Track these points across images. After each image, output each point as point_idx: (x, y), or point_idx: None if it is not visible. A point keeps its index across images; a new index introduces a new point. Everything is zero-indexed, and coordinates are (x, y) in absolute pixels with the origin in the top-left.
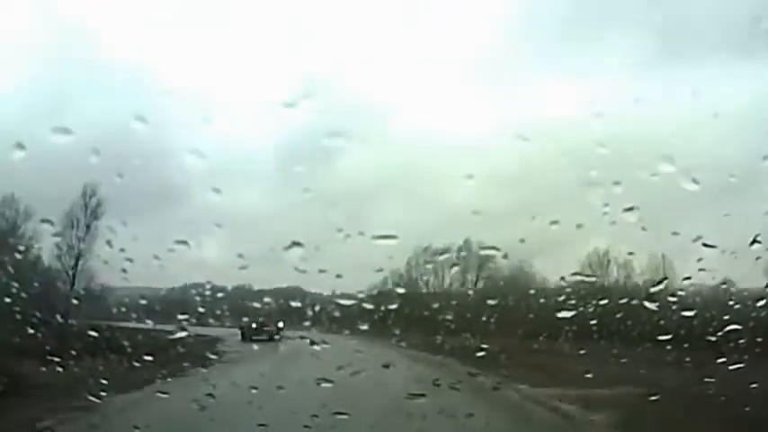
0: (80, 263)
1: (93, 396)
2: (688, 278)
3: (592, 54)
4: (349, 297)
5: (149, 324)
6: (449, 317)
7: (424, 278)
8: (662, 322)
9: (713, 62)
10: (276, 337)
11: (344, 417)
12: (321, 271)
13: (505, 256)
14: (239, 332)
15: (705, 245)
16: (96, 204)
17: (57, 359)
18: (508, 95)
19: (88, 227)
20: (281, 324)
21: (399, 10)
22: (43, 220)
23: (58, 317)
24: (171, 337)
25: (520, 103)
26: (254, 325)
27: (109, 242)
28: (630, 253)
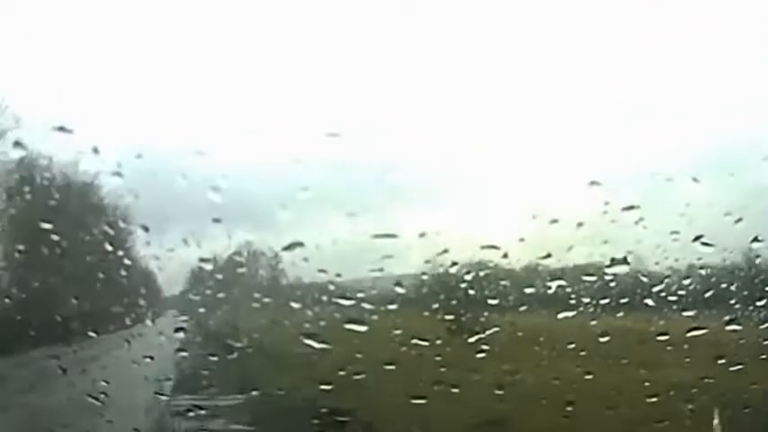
0: None
1: None
2: (687, 278)
3: None
4: (349, 297)
5: None
6: (449, 317)
7: (424, 277)
8: (662, 323)
9: None
10: None
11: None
12: (321, 271)
13: (505, 256)
14: None
15: (705, 244)
16: None
17: None
18: None
19: None
20: None
21: None
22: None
23: None
24: None
25: None
26: None
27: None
28: (630, 252)
